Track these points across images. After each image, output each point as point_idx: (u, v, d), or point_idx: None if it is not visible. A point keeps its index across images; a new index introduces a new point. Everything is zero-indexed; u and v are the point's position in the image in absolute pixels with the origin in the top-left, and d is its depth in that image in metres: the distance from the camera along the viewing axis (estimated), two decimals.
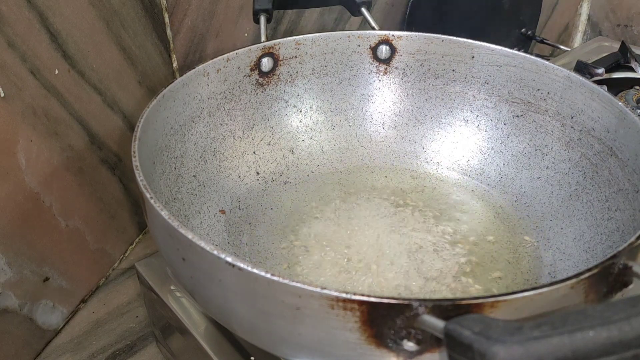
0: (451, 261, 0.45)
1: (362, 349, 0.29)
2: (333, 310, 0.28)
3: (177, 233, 0.31)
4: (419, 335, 0.28)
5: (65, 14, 0.47)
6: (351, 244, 0.46)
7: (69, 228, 0.51)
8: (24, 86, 0.44)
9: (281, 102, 0.54)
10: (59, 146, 0.49)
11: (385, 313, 0.27)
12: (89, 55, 0.50)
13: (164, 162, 0.45)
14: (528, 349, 0.22)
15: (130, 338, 0.52)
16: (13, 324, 0.47)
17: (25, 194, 0.46)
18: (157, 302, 0.46)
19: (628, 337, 0.22)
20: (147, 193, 0.34)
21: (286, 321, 0.30)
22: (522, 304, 0.28)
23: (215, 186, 0.49)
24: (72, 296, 0.53)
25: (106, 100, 0.53)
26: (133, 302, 0.55)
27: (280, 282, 0.28)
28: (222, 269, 0.30)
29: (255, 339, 0.35)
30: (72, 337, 0.52)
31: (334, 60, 0.55)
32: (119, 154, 0.56)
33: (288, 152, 0.54)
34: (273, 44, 0.52)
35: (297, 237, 0.47)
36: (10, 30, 0.42)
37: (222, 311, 0.34)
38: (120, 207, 0.58)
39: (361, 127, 0.57)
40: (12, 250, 0.45)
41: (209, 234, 0.46)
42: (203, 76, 0.48)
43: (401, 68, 0.55)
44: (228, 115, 0.51)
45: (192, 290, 0.36)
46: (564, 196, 0.48)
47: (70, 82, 0.49)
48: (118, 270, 0.58)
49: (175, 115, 0.46)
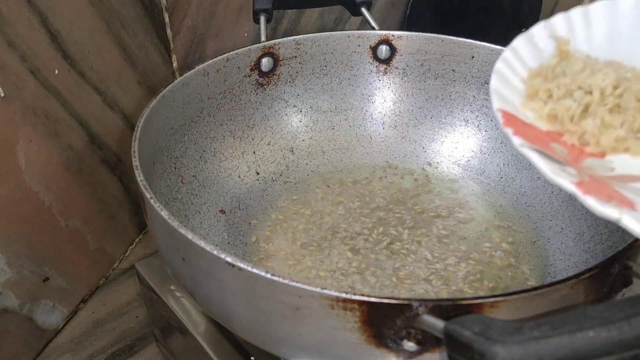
0: (451, 260, 0.45)
1: (362, 349, 0.29)
2: (333, 310, 0.28)
3: (177, 233, 0.31)
4: (419, 336, 0.28)
5: (65, 14, 0.47)
6: (350, 242, 0.46)
7: (68, 228, 0.51)
8: (24, 86, 0.44)
9: (281, 102, 0.54)
10: (59, 146, 0.49)
11: (386, 313, 0.27)
12: (89, 55, 0.50)
13: (164, 162, 0.45)
14: (528, 349, 0.22)
15: (130, 338, 0.52)
16: (13, 324, 0.47)
17: (25, 194, 0.46)
18: (157, 302, 0.45)
19: (628, 337, 0.22)
20: (147, 193, 0.34)
21: (286, 321, 0.30)
22: (522, 304, 0.28)
23: (215, 186, 0.49)
24: (72, 296, 0.53)
25: (106, 100, 0.53)
26: (133, 302, 0.55)
27: (280, 282, 0.28)
28: (222, 269, 0.30)
29: (255, 339, 0.35)
30: (72, 337, 0.52)
31: (334, 60, 0.55)
32: (119, 154, 0.56)
33: (288, 152, 0.54)
34: (273, 43, 0.52)
35: (296, 237, 0.47)
36: (11, 30, 0.42)
37: (222, 311, 0.34)
38: (120, 207, 0.58)
39: (361, 127, 0.57)
40: (12, 250, 0.45)
41: (208, 234, 0.46)
42: (203, 76, 0.48)
43: (401, 68, 0.55)
44: (228, 115, 0.51)
45: (192, 290, 0.36)
46: (564, 196, 0.48)
47: (70, 82, 0.49)
48: (118, 270, 0.58)
49: (175, 115, 0.46)
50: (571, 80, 0.28)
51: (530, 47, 0.31)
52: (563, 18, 0.31)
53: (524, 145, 0.24)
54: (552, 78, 0.29)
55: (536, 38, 0.31)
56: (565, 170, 0.24)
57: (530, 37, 0.31)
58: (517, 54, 0.30)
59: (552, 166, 0.23)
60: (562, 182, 0.23)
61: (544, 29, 0.31)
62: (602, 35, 0.31)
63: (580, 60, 0.30)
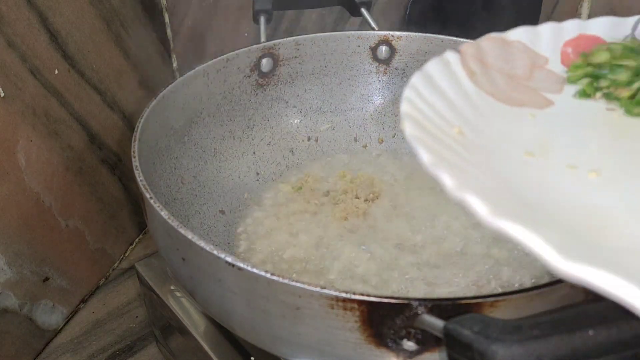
0: (452, 260, 0.45)
1: (362, 348, 0.29)
2: (333, 310, 0.28)
3: (177, 233, 0.31)
4: (419, 335, 0.28)
5: (65, 13, 0.47)
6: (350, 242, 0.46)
7: (68, 228, 0.51)
8: (24, 86, 0.44)
9: (281, 103, 0.54)
10: (59, 146, 0.49)
11: (385, 313, 0.27)
12: (89, 55, 0.50)
13: (164, 162, 0.45)
14: (527, 348, 0.22)
15: (130, 338, 0.52)
16: (13, 324, 0.47)
17: (25, 194, 0.46)
18: (157, 302, 0.45)
19: (628, 336, 0.22)
20: (147, 193, 0.34)
21: (286, 321, 0.30)
22: (521, 304, 0.28)
23: (215, 186, 0.49)
24: (72, 296, 0.53)
25: (106, 100, 0.53)
26: (133, 302, 0.55)
27: (280, 281, 0.28)
28: (222, 269, 0.30)
29: (255, 339, 0.35)
30: (72, 337, 0.52)
31: (333, 60, 0.55)
32: (119, 154, 0.56)
33: (288, 152, 0.54)
34: (273, 44, 0.52)
35: (296, 236, 0.47)
36: (10, 30, 0.42)
37: (222, 311, 0.34)
38: (120, 207, 0.58)
39: (361, 127, 0.57)
40: (12, 250, 0.45)
41: (208, 234, 0.46)
42: (203, 76, 0.48)
43: (401, 68, 0.55)
44: (228, 115, 0.51)
45: (192, 290, 0.36)
46: None
47: (70, 82, 0.49)
48: (118, 271, 0.58)
49: (175, 115, 0.46)
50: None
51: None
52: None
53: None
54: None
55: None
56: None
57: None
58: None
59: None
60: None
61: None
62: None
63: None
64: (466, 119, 0.29)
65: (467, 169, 0.25)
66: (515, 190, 0.25)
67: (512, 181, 0.26)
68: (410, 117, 0.26)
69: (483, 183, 0.24)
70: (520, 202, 0.24)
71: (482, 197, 0.21)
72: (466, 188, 0.22)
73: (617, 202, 0.25)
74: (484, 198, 0.21)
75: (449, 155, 0.25)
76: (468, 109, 0.30)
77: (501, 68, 0.32)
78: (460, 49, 0.32)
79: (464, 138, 0.27)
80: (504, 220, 0.20)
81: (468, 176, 0.24)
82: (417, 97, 0.29)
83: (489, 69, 0.32)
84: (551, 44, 0.34)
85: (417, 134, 0.25)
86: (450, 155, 0.25)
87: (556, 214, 0.24)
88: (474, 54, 0.32)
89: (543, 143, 0.29)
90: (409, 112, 0.27)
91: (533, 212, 0.23)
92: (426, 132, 0.26)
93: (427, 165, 0.23)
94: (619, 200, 0.25)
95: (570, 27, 0.35)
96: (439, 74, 0.31)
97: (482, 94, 0.31)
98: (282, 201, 0.50)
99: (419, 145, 0.24)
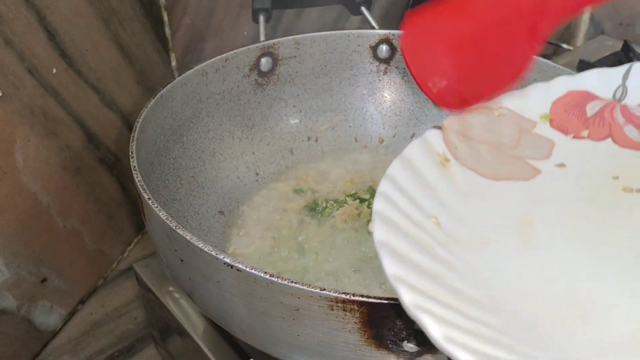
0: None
1: (362, 350, 0.29)
2: (332, 311, 0.28)
3: (176, 234, 0.31)
4: (420, 337, 0.28)
5: (63, 12, 0.47)
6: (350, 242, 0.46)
7: (66, 228, 0.51)
8: (22, 85, 0.44)
9: (281, 102, 0.54)
10: (57, 146, 0.49)
11: (386, 314, 0.27)
12: (87, 54, 0.50)
13: (163, 162, 0.44)
14: None
15: (128, 340, 0.52)
16: (10, 325, 0.47)
17: (22, 194, 0.46)
18: (155, 304, 0.45)
19: None
20: (145, 194, 0.34)
21: (285, 322, 0.30)
22: None
23: (214, 187, 0.49)
24: (70, 297, 0.53)
25: (104, 99, 0.53)
26: (131, 303, 0.55)
27: (279, 283, 0.28)
28: (220, 270, 0.30)
29: (254, 341, 0.34)
30: (70, 338, 0.52)
31: (333, 59, 0.54)
32: (117, 154, 0.56)
33: (288, 152, 0.54)
34: (272, 43, 0.52)
35: (296, 237, 0.47)
36: (8, 29, 0.42)
37: (221, 312, 0.34)
38: (118, 208, 0.58)
39: (361, 127, 0.56)
40: (10, 250, 0.45)
41: (207, 235, 0.45)
42: (202, 76, 0.48)
43: (401, 68, 0.55)
44: (227, 115, 0.51)
45: (191, 291, 0.36)
46: None
47: (68, 81, 0.48)
48: (116, 271, 0.58)
49: (174, 115, 0.46)
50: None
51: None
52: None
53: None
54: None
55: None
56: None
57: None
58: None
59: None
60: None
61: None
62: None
63: None
64: (444, 205, 0.28)
65: (436, 272, 0.24)
66: (484, 288, 0.25)
67: (485, 276, 0.26)
68: (381, 217, 0.26)
69: (442, 297, 0.23)
70: (483, 308, 0.24)
71: (437, 318, 0.21)
72: (422, 307, 0.22)
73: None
74: (439, 319, 0.21)
75: (417, 258, 0.25)
76: (447, 192, 0.29)
77: (487, 139, 0.32)
78: (442, 124, 0.32)
79: (439, 230, 0.27)
80: (452, 346, 0.21)
81: (431, 288, 0.23)
82: (394, 189, 0.28)
83: (473, 142, 0.31)
84: (539, 105, 0.34)
85: (385, 237, 0.25)
86: (419, 259, 0.25)
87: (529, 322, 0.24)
88: (457, 128, 0.32)
89: (525, 222, 0.28)
90: (381, 210, 0.26)
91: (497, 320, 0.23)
92: (397, 231, 0.25)
93: (389, 277, 0.23)
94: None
95: (559, 85, 0.34)
96: (419, 157, 0.30)
97: (465, 171, 0.30)
98: (282, 201, 0.50)
99: (385, 252, 0.24)
